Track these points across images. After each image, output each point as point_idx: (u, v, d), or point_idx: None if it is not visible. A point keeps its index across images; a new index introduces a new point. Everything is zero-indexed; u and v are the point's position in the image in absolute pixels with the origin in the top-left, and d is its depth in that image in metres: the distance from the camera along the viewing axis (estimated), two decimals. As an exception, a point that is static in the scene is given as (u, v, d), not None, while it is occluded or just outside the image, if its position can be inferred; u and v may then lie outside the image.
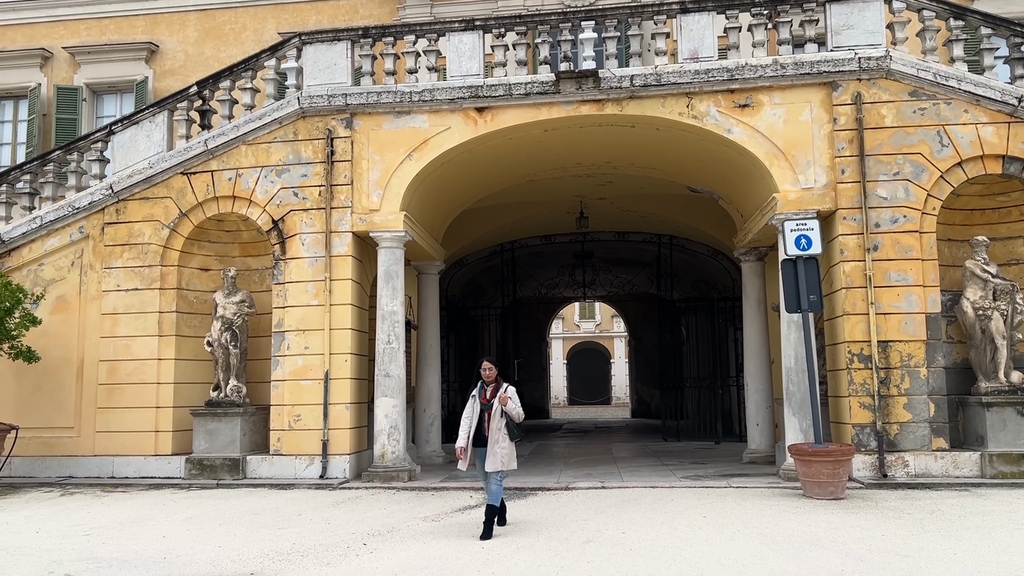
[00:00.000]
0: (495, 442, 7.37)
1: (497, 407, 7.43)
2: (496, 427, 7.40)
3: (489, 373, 7.63)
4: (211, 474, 11.10)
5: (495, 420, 7.41)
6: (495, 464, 7.37)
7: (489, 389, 7.60)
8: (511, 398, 7.47)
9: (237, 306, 11.62)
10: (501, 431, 7.39)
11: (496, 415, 7.42)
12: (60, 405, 11.86)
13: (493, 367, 7.66)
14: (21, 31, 17.80)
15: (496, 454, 7.37)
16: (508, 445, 7.43)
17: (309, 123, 11.69)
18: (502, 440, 7.39)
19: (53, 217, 12.10)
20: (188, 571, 6.35)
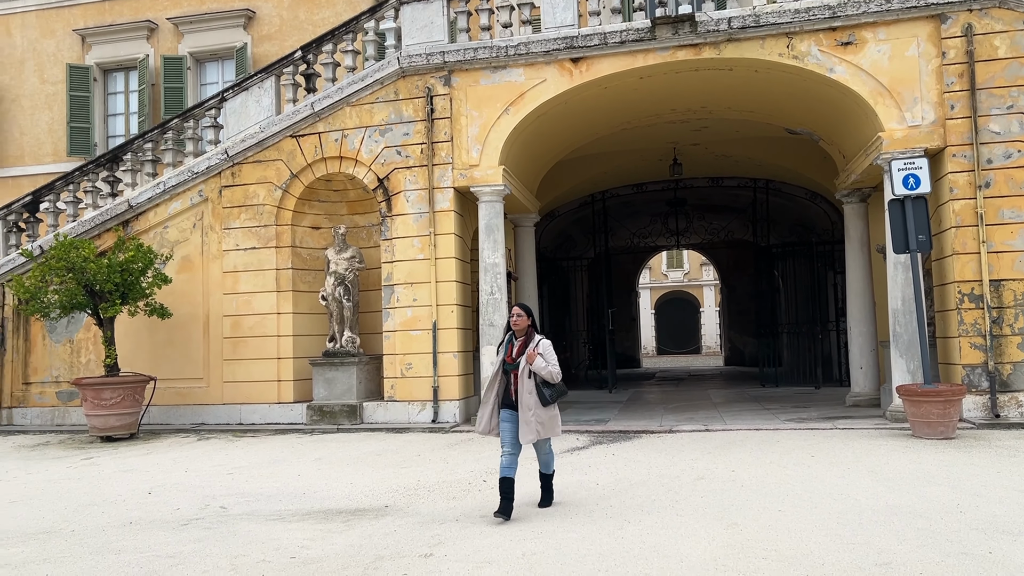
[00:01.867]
0: (527, 408, 6.13)
1: (524, 366, 6.16)
2: (526, 390, 6.14)
3: (519, 321, 6.32)
4: (331, 420, 11.81)
5: (523, 382, 6.16)
6: (529, 434, 6.15)
7: (518, 343, 6.33)
8: (541, 354, 6.18)
9: (348, 262, 12.18)
10: (532, 395, 6.13)
11: (524, 376, 6.16)
12: (190, 358, 12.76)
13: (524, 315, 6.34)
14: (128, 5, 18.64)
15: (529, 423, 6.13)
16: (544, 411, 6.18)
17: (409, 82, 12.02)
18: (535, 405, 6.13)
19: (175, 182, 12.88)
20: (328, 504, 6.91)
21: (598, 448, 9.42)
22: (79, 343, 13.33)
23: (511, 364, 6.27)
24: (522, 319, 6.32)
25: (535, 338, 6.29)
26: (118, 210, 13.08)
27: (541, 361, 6.14)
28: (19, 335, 13.55)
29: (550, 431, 6.29)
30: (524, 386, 6.16)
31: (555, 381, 6.22)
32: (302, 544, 5.59)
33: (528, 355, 6.15)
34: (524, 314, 6.34)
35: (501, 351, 6.42)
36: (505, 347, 6.40)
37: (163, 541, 5.78)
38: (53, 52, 18.87)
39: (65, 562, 5.32)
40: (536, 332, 6.34)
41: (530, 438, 6.19)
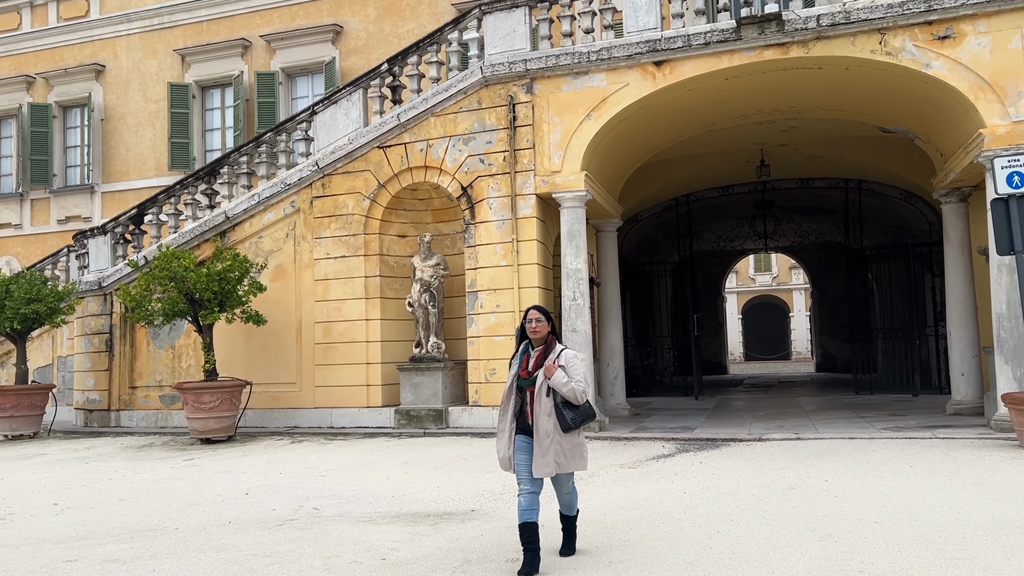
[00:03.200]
0: (544, 434, 5.03)
1: (542, 382, 5.07)
2: (543, 412, 5.05)
3: (537, 328, 5.21)
4: (417, 424, 12.02)
5: (540, 402, 5.07)
6: (545, 466, 5.03)
7: (535, 354, 5.22)
8: (563, 366, 5.09)
9: (433, 269, 12.39)
10: (551, 418, 5.03)
11: (541, 394, 5.07)
12: (283, 363, 13.20)
13: (543, 319, 5.22)
14: (224, 24, 19.47)
15: (546, 452, 5.02)
16: (566, 438, 5.07)
17: (492, 91, 12.16)
18: (553, 431, 5.03)
19: (268, 194, 13.37)
20: (416, 507, 7.04)
21: (684, 456, 9.30)
22: (180, 349, 13.97)
23: (526, 379, 5.17)
24: (541, 325, 5.20)
25: (556, 348, 5.21)
26: (216, 221, 13.67)
27: (562, 375, 5.03)
28: (126, 341, 14.30)
29: (573, 463, 5.15)
30: (541, 406, 5.07)
31: (579, 401, 5.09)
32: (392, 546, 5.71)
33: (546, 368, 5.06)
34: (543, 318, 5.22)
35: (515, 364, 5.31)
36: (519, 359, 5.29)
37: (260, 540, 6.00)
38: (155, 72, 19.87)
39: (170, 559, 5.59)
40: (557, 341, 5.31)
41: (546, 471, 5.05)
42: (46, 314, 13.82)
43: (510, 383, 5.25)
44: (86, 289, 14.53)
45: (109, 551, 5.84)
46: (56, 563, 5.57)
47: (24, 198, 20.82)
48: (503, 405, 5.29)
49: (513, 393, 5.24)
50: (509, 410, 5.23)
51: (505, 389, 5.28)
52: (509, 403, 5.24)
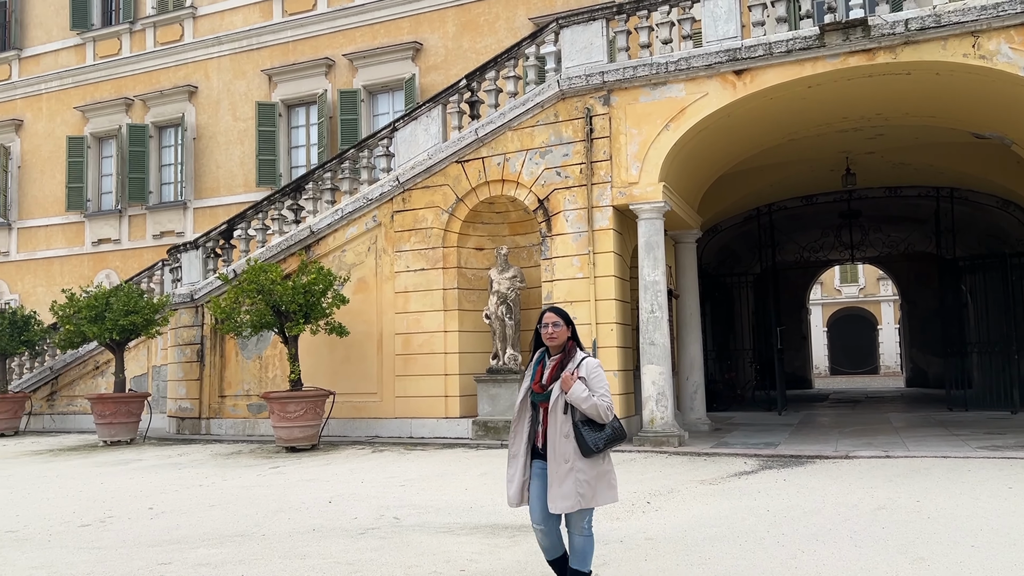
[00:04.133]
0: (561, 459, 4.30)
1: (558, 396, 4.35)
2: (560, 433, 4.32)
3: (555, 333, 4.49)
4: (495, 435, 12.09)
5: (556, 420, 4.35)
6: (563, 499, 4.30)
7: (551, 364, 4.52)
8: (583, 377, 4.37)
9: (510, 281, 12.48)
10: (569, 440, 4.30)
11: (556, 411, 4.35)
12: (365, 373, 13.48)
13: (561, 323, 4.50)
14: (309, 44, 20.10)
15: (563, 482, 4.29)
16: (588, 464, 4.31)
17: (568, 104, 12.20)
18: (573, 456, 4.29)
19: (351, 209, 13.71)
20: (494, 519, 7.08)
21: (767, 473, 9.09)
22: (267, 359, 14.43)
23: (539, 394, 4.44)
24: (559, 330, 4.47)
25: (576, 356, 4.48)
26: (301, 236, 14.09)
27: (581, 388, 4.28)
28: (216, 352, 14.85)
29: (599, 495, 4.38)
30: (557, 426, 4.32)
31: (605, 419, 4.32)
32: (470, 558, 5.76)
33: (563, 380, 4.31)
34: (560, 321, 4.49)
35: (528, 376, 4.60)
36: (533, 369, 4.57)
37: (343, 548, 6.14)
38: (244, 92, 20.64)
39: (257, 564, 5.77)
40: (579, 348, 4.58)
41: (565, 506, 4.29)
42: (142, 325, 14.49)
43: (522, 397, 4.56)
44: (179, 301, 15.17)
45: (200, 555, 6.07)
46: (152, 565, 5.82)
47: (123, 214, 21.89)
48: (514, 425, 4.55)
49: (527, 411, 4.52)
50: (523, 431, 4.51)
51: (516, 405, 4.59)
52: (522, 423, 4.51)
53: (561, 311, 4.61)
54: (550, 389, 4.42)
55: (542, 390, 4.46)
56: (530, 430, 4.52)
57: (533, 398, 4.51)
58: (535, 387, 4.50)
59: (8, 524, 7.46)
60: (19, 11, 23.77)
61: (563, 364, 4.48)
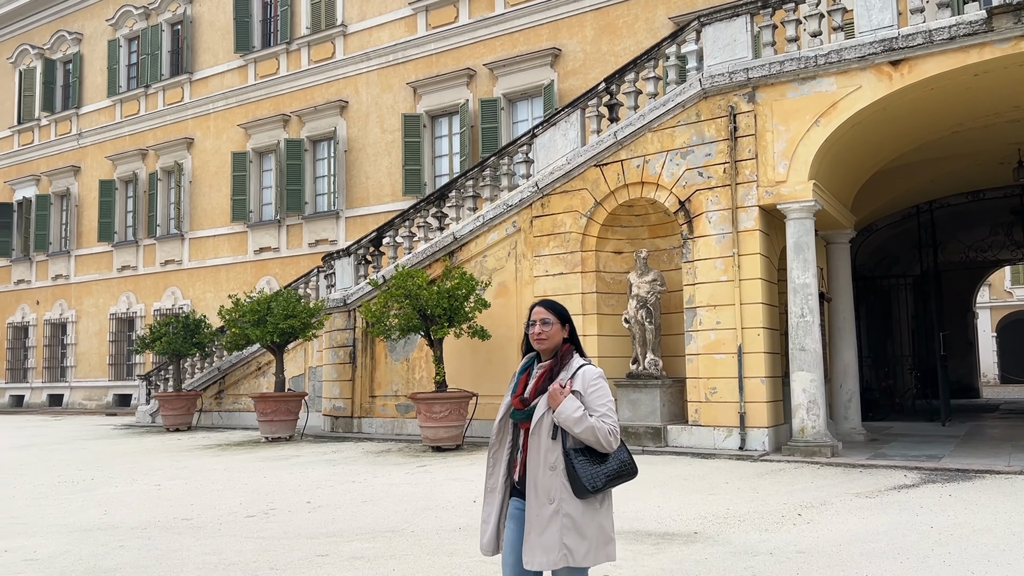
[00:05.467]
0: (544, 498, 3.31)
1: (543, 415, 3.38)
2: (543, 462, 3.35)
3: (543, 333, 3.50)
4: (635, 441, 11.96)
5: (539, 446, 3.38)
6: (544, 553, 3.29)
7: (538, 373, 3.54)
8: (578, 391, 3.37)
9: (650, 285, 12.33)
10: (556, 474, 3.32)
11: (541, 434, 3.38)
12: (506, 376, 13.64)
13: (551, 321, 3.51)
14: (451, 56, 20.68)
15: (547, 528, 3.29)
16: (583, 508, 3.30)
17: (711, 102, 11.93)
18: (560, 494, 3.30)
19: (492, 215, 13.98)
20: (636, 525, 7.02)
21: (930, 488, 8.52)
22: (414, 361, 14.94)
23: (520, 411, 3.46)
24: (550, 329, 3.49)
25: (572, 363, 3.48)
26: (444, 242, 14.51)
27: (573, 405, 3.29)
28: (367, 354, 15.53)
29: (592, 552, 3.32)
30: (541, 454, 3.35)
31: (607, 447, 3.31)
32: (614, 563, 5.74)
33: (550, 393, 3.34)
34: (551, 319, 3.51)
35: (509, 388, 3.62)
36: (516, 378, 3.60)
37: (487, 548, 6.26)
38: (391, 104, 21.49)
39: (408, 560, 5.98)
40: (579, 353, 3.55)
41: (543, 561, 3.29)
42: (300, 328, 15.36)
43: (501, 415, 3.57)
44: (333, 306, 15.97)
45: (355, 548, 6.37)
46: (310, 556, 6.16)
47: (281, 224, 23.30)
48: (492, 450, 3.58)
49: (507, 433, 3.56)
50: (502, 459, 3.55)
51: (495, 425, 3.58)
52: (502, 449, 3.55)
53: (554, 305, 3.58)
54: (533, 405, 3.40)
55: (523, 406, 3.44)
56: (509, 458, 3.53)
57: (512, 416, 3.50)
58: (514, 401, 3.48)
59: (184, 513, 8.11)
60: (190, 38, 25.80)
61: (553, 373, 3.45)
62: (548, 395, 3.36)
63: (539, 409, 3.39)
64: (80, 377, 28.39)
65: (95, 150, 28.28)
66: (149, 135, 26.71)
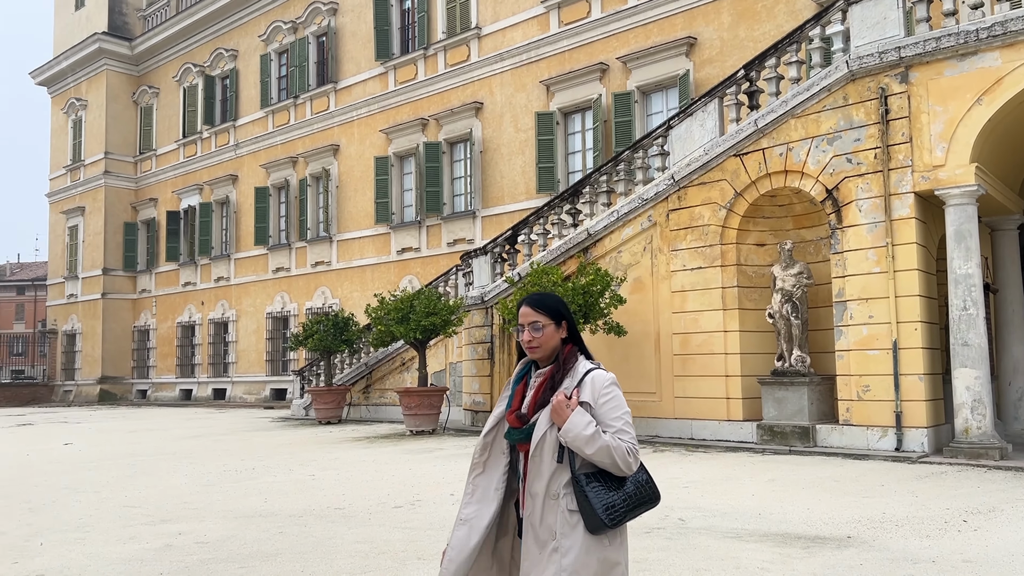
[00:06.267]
0: (545, 534, 2.74)
1: (545, 433, 2.79)
2: (546, 494, 2.76)
3: (532, 340, 2.92)
4: (781, 440, 11.55)
5: (540, 471, 2.79)
6: None
7: (536, 382, 2.93)
8: (587, 402, 2.78)
9: (795, 278, 11.85)
10: (559, 506, 2.73)
11: (543, 456, 2.79)
12: (643, 373, 13.54)
13: (544, 321, 2.91)
14: (583, 51, 20.63)
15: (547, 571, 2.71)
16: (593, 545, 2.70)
17: (859, 85, 11.31)
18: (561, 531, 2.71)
19: (626, 210, 13.86)
20: (784, 528, 6.77)
21: (1119, 496, 7.73)
22: (550, 358, 15.01)
23: (517, 431, 2.86)
24: (541, 335, 2.88)
25: (577, 368, 2.88)
26: (579, 238, 14.51)
27: (583, 420, 2.68)
28: (504, 350, 15.77)
29: None
30: (544, 481, 2.76)
31: (625, 470, 2.71)
32: (761, 566, 5.56)
33: (553, 406, 2.74)
34: (544, 320, 2.89)
35: (501, 401, 3.01)
36: (511, 389, 2.98)
37: (630, 545, 6.22)
38: (524, 104, 21.70)
39: (549, 553, 6.03)
40: (583, 355, 2.95)
41: None
42: (440, 325, 15.80)
43: (488, 429, 2.95)
44: (471, 303, 16.31)
45: (497, 541, 6.48)
46: (455, 546, 6.32)
47: (421, 225, 24.03)
48: (473, 473, 2.94)
49: (501, 456, 2.93)
50: (490, 487, 2.90)
51: (478, 442, 2.97)
52: (492, 473, 2.92)
53: (543, 300, 2.93)
54: (533, 421, 2.81)
55: (520, 423, 2.83)
56: (506, 486, 2.90)
57: (508, 437, 2.88)
58: (509, 419, 2.86)
59: (336, 502, 8.52)
60: (334, 48, 27.04)
61: (555, 381, 2.85)
62: (551, 409, 2.75)
63: (540, 426, 2.79)
64: (240, 373, 30.39)
65: (250, 159, 30.17)
66: (299, 143, 28.21)
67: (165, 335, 33.80)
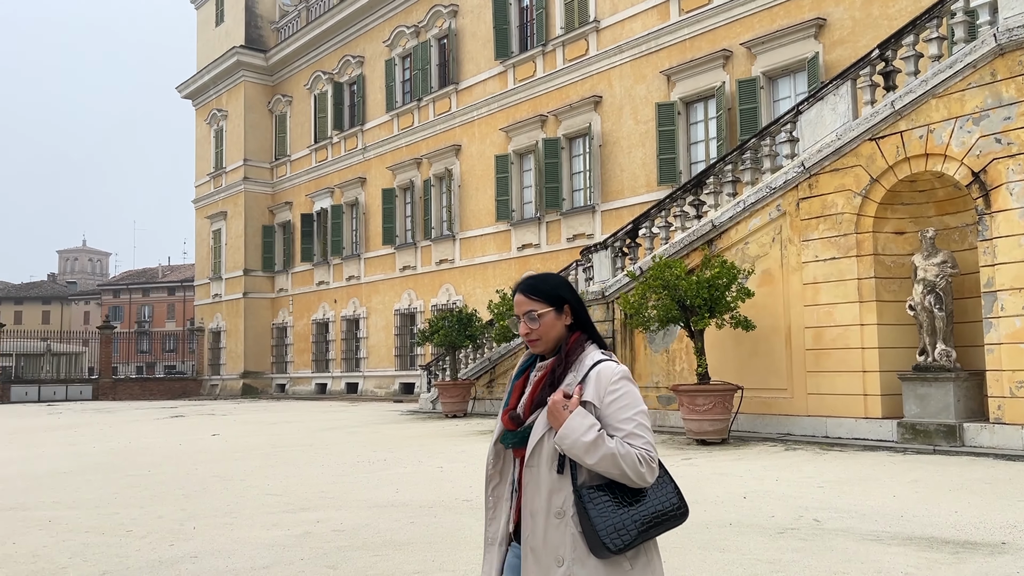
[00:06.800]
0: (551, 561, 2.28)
1: (541, 439, 2.34)
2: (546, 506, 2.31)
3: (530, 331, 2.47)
4: (924, 439, 10.90)
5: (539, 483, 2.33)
6: None
7: (536, 377, 2.49)
8: (591, 401, 2.31)
9: (938, 267, 11.15)
10: (563, 521, 2.28)
11: (541, 465, 2.33)
12: (773, 368, 13.10)
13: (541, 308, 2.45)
14: (706, 38, 20.14)
15: None
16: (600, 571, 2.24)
17: (1009, 59, 10.50)
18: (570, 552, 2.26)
19: (753, 200, 13.43)
20: (929, 531, 6.40)
21: None
22: (673, 353, 14.78)
23: (511, 433, 2.44)
24: (538, 325, 2.46)
25: (583, 360, 2.42)
26: (702, 231, 14.18)
27: (582, 423, 2.26)
28: (625, 345, 15.63)
29: None
30: (542, 494, 2.34)
31: (638, 480, 2.27)
32: (905, 571, 5.28)
33: (550, 406, 2.32)
34: (541, 307, 2.46)
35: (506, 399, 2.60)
36: (511, 385, 2.58)
37: (761, 546, 6.04)
38: (644, 95, 21.42)
39: (678, 553, 5.94)
40: (595, 344, 2.48)
41: None
42: (562, 321, 15.79)
43: (496, 438, 2.53)
44: (592, 299, 16.25)
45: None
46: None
47: (541, 221, 24.16)
48: (490, 485, 2.55)
49: (509, 465, 2.52)
50: (503, 498, 2.52)
51: (489, 449, 2.56)
52: (504, 484, 2.53)
53: (539, 284, 2.48)
54: (529, 424, 2.38)
55: (515, 426, 2.42)
56: (508, 492, 2.52)
57: (502, 441, 2.48)
58: (503, 419, 2.47)
59: (464, 494, 8.70)
60: (455, 50, 27.56)
61: (555, 376, 2.41)
62: (547, 410, 2.31)
63: (536, 430, 2.34)
64: (371, 367, 31.53)
65: (377, 162, 31.21)
66: (422, 144, 28.94)
67: (301, 332, 35.49)
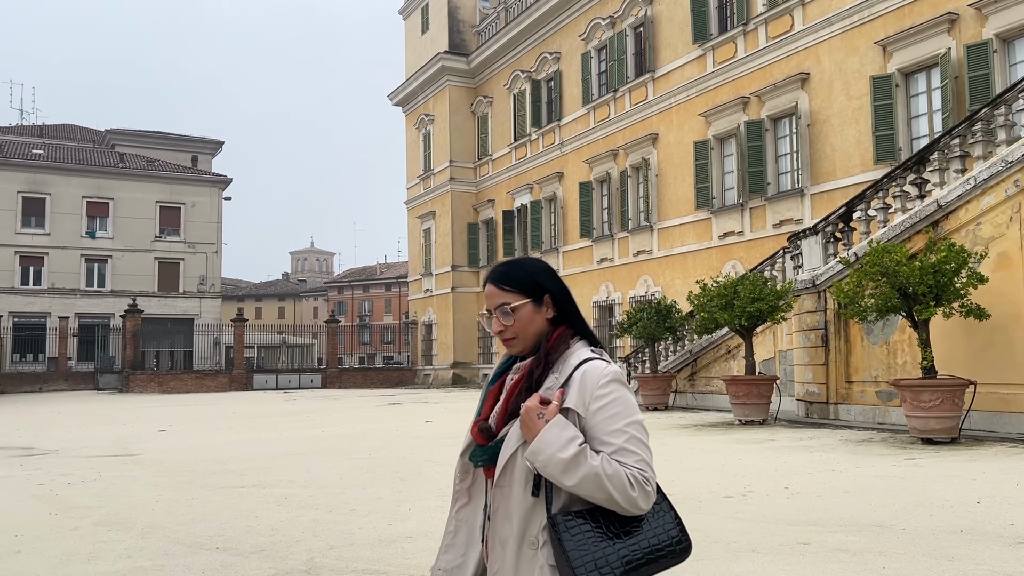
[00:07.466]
0: None
1: (512, 455, 1.93)
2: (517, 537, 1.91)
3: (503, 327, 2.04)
4: None
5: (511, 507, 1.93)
6: None
7: (512, 381, 2.07)
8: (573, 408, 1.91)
9: None
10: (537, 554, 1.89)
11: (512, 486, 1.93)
12: (1012, 362, 11.79)
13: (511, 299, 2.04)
14: (926, 3, 18.43)
15: None
16: None
17: None
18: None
19: (986, 176, 12.15)
20: None
21: None
22: (894, 345, 13.71)
23: (482, 450, 2.02)
24: (512, 320, 2.04)
25: (568, 359, 2.01)
26: (926, 211, 13.02)
27: (560, 435, 1.85)
28: (840, 337, 14.70)
29: None
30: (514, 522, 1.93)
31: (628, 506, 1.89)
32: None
33: (523, 414, 1.91)
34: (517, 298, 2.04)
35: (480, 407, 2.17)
36: (485, 391, 2.16)
37: (998, 556, 5.48)
38: (856, 68, 19.99)
39: (899, 558, 5.53)
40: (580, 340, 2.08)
41: None
42: (767, 311, 15.18)
43: (464, 447, 2.12)
44: (801, 288, 15.44)
45: (838, 540, 6.09)
46: (791, 543, 6.06)
47: (744, 207, 23.27)
48: (456, 503, 2.16)
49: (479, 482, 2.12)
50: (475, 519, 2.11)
51: (457, 464, 2.17)
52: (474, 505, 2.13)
53: (511, 272, 2.09)
54: (501, 438, 2.00)
55: (485, 440, 2.02)
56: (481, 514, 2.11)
57: (470, 458, 2.09)
58: (472, 432, 2.06)
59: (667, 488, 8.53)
60: (652, 37, 27.18)
61: (532, 380, 2.02)
62: (520, 419, 1.92)
63: (508, 444, 1.96)
64: (571, 359, 31.89)
65: (574, 156, 31.49)
66: (618, 136, 28.83)
67: (504, 324, 36.61)
